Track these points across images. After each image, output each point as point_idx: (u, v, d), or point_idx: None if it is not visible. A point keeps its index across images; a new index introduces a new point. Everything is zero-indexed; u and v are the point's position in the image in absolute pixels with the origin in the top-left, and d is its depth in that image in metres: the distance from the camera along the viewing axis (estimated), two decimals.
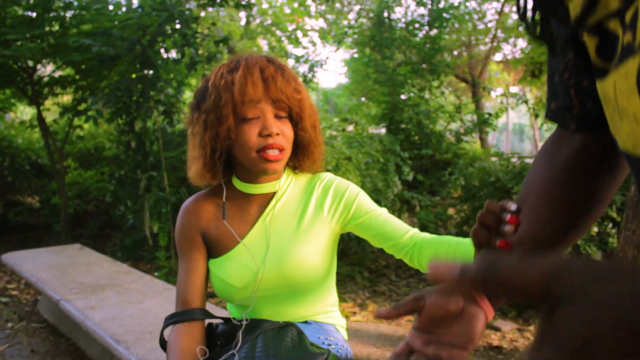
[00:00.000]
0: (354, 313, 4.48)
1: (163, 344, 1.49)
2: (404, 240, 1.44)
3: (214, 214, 1.50)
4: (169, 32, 5.16)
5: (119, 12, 5.69)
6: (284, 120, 1.41)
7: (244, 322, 1.49)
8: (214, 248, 1.49)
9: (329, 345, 1.49)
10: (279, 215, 1.49)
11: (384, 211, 1.49)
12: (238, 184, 1.50)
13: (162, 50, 5.51)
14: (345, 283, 5.26)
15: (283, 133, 1.39)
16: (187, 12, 5.00)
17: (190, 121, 1.47)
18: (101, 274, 3.61)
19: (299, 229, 1.47)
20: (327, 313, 1.60)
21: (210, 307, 2.53)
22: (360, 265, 5.70)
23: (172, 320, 1.46)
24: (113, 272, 3.66)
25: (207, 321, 1.50)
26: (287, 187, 1.53)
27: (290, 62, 13.26)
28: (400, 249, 1.45)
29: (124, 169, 5.77)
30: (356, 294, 5.01)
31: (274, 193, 1.50)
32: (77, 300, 3.03)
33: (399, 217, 6.90)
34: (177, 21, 4.98)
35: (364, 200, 1.50)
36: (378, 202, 5.80)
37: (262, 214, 1.49)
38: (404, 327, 4.20)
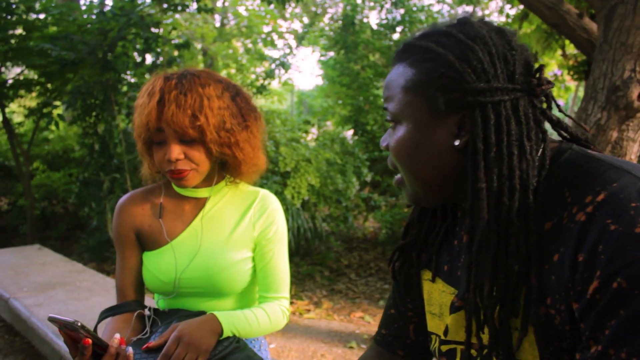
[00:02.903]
0: (308, 310, 4.60)
1: None
2: (260, 294, 1.65)
3: (150, 212, 1.60)
4: (132, 37, 5.25)
5: (84, 17, 5.76)
6: (192, 143, 1.44)
7: (162, 310, 1.61)
8: (148, 243, 1.59)
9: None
10: (212, 220, 1.59)
11: (279, 264, 1.62)
12: (175, 185, 1.60)
13: (126, 54, 5.59)
14: (305, 282, 5.39)
15: (188, 156, 1.44)
16: (147, 17, 5.09)
17: None
18: (54, 273, 3.70)
19: (230, 238, 1.56)
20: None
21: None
22: (321, 264, 5.83)
23: (106, 314, 1.57)
24: (67, 271, 3.76)
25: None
26: (223, 194, 1.62)
27: (266, 64, 13.37)
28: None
29: (88, 171, 5.85)
30: (313, 292, 5.14)
31: (209, 197, 1.60)
32: (25, 299, 3.12)
33: (366, 218, 6.95)
34: (139, 25, 5.07)
35: (274, 242, 1.61)
36: (339, 202, 5.93)
37: (197, 215, 1.59)
38: (355, 323, 4.34)
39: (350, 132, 7.93)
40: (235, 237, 1.57)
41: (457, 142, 0.83)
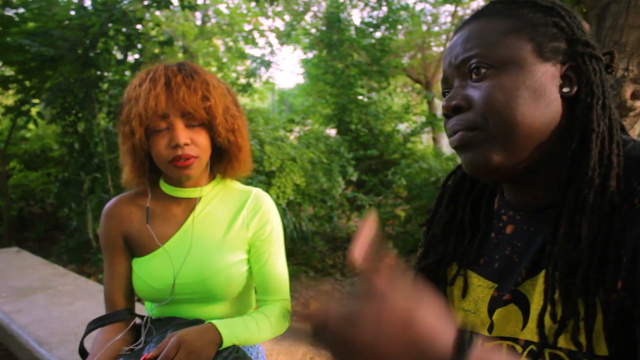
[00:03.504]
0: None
1: (82, 352, 1.51)
2: (259, 298, 1.58)
3: (138, 217, 1.52)
4: (113, 33, 5.14)
5: (65, 12, 5.62)
6: (197, 128, 1.42)
7: (156, 319, 1.53)
8: (137, 249, 1.51)
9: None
10: (204, 221, 1.52)
11: (277, 265, 1.56)
12: (165, 186, 1.53)
13: (108, 51, 5.47)
14: (290, 283, 5.31)
15: (194, 142, 1.40)
16: (130, 13, 4.98)
17: (118, 129, 1.50)
18: (35, 277, 3.59)
19: (224, 240, 1.50)
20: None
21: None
22: (306, 264, 5.77)
23: (94, 325, 1.49)
24: (47, 275, 3.64)
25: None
26: (215, 194, 1.56)
27: (247, 63, 13.29)
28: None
29: (67, 170, 5.71)
30: (299, 293, 5.05)
31: (200, 198, 1.53)
32: (4, 304, 3.01)
33: (349, 218, 6.96)
34: (121, 22, 4.96)
35: (270, 243, 1.55)
36: (324, 201, 5.88)
37: (187, 217, 1.52)
38: None
39: (334, 131, 7.90)
40: (229, 239, 1.51)
41: (566, 89, 0.84)
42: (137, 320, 1.56)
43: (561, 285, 0.79)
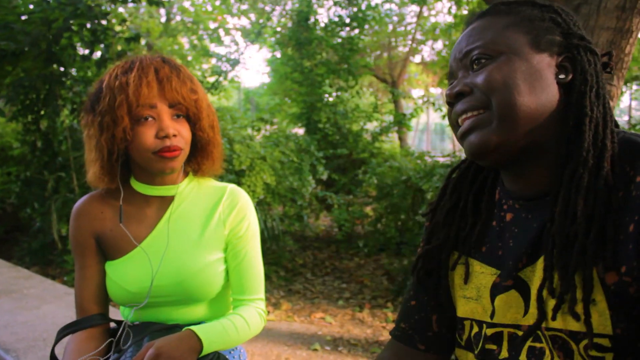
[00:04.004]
0: (268, 312, 4.49)
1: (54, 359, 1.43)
2: (234, 297, 1.53)
3: (110, 216, 1.45)
4: (77, 28, 4.99)
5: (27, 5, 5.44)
6: (181, 120, 1.38)
7: (132, 324, 1.47)
8: (110, 251, 1.44)
9: None
10: (179, 219, 1.46)
11: (253, 263, 1.51)
12: (137, 185, 1.45)
13: (72, 46, 5.31)
14: None
15: (180, 134, 1.36)
16: (96, 8, 4.85)
17: (85, 124, 1.41)
18: None
19: (201, 239, 1.45)
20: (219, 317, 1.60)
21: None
22: (276, 264, 5.72)
23: (65, 332, 1.41)
24: (11, 278, 3.51)
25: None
26: (189, 192, 1.50)
27: (213, 61, 13.14)
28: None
29: (30, 169, 5.53)
30: (271, 294, 5.03)
31: (174, 196, 1.47)
32: None
33: (317, 217, 6.97)
34: (86, 16, 4.82)
35: (247, 240, 1.51)
36: (294, 201, 5.84)
37: (162, 217, 1.45)
38: (316, 324, 4.26)
39: (302, 130, 7.87)
40: (205, 238, 1.45)
41: (562, 76, 0.90)
42: (112, 324, 1.49)
43: (559, 260, 0.83)
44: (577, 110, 0.87)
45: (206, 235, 1.46)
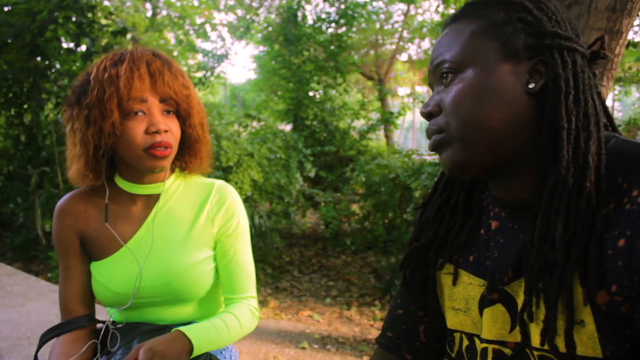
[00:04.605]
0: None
1: None
2: (225, 296, 1.51)
3: (94, 215, 1.40)
4: (63, 20, 4.92)
5: None
6: (171, 116, 1.35)
7: (119, 326, 1.44)
8: (94, 251, 1.40)
9: None
10: (166, 218, 1.42)
11: (243, 261, 1.48)
12: (122, 183, 1.41)
13: (57, 39, 5.24)
14: None
15: (171, 130, 1.32)
16: (81, 0, 4.78)
17: (69, 117, 1.35)
18: None
19: (189, 238, 1.41)
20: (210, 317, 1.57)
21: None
22: (263, 261, 5.70)
23: (49, 335, 1.37)
24: None
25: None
26: (175, 189, 1.46)
27: (199, 57, 13.06)
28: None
29: (13, 164, 5.45)
30: (258, 291, 5.00)
31: (160, 194, 1.43)
32: None
33: (304, 214, 6.96)
34: (72, 9, 4.75)
35: (236, 238, 1.48)
36: (281, 198, 5.82)
37: (148, 215, 1.42)
38: (303, 322, 4.25)
39: (289, 127, 7.85)
40: (193, 236, 1.42)
41: (532, 85, 0.82)
42: (99, 325, 1.46)
43: (536, 287, 0.79)
44: (552, 122, 0.81)
45: (194, 233, 1.43)
